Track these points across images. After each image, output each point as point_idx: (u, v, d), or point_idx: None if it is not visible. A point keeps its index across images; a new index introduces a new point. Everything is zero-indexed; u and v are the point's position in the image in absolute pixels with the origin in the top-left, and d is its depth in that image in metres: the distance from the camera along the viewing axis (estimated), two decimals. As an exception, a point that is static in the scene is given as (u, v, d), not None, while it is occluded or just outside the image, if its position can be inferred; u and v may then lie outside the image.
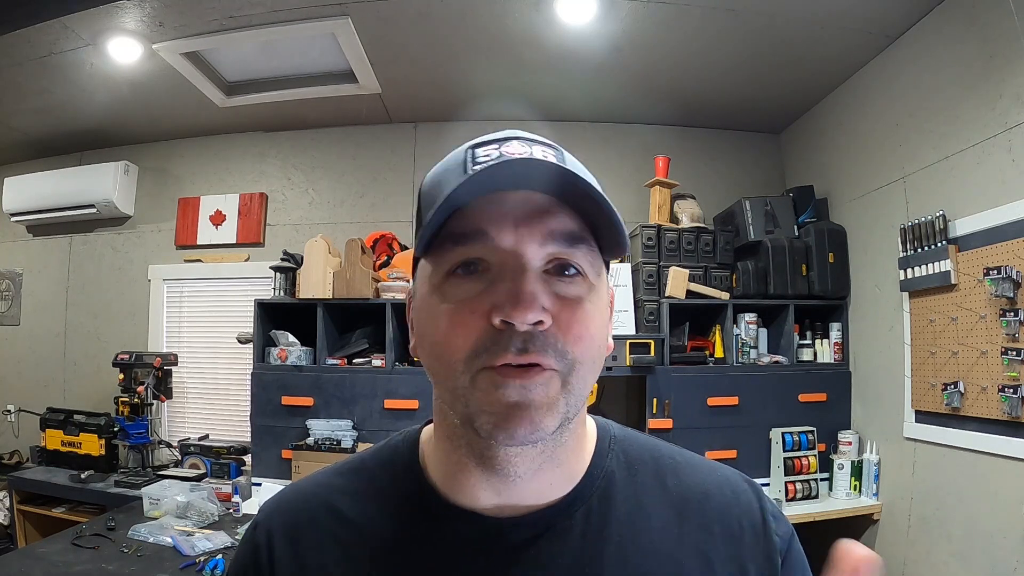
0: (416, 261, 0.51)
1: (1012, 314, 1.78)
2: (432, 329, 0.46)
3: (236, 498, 2.40)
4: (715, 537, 0.50)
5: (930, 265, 2.10)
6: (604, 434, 0.56)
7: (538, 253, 0.44)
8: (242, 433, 2.92)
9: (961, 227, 2.01)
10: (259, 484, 2.58)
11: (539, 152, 0.45)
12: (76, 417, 2.92)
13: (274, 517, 0.55)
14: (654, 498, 0.52)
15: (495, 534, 0.48)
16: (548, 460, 0.48)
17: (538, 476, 0.48)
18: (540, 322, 0.43)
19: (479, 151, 0.47)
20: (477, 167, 0.44)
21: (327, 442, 2.49)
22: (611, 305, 0.54)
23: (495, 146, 0.46)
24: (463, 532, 0.49)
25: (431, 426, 0.55)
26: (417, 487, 0.52)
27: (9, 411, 3.17)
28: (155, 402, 2.91)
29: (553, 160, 0.45)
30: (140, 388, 2.81)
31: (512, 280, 0.43)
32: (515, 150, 0.45)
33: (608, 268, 0.53)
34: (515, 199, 0.45)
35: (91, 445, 2.84)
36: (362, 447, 2.47)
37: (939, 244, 2.06)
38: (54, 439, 2.91)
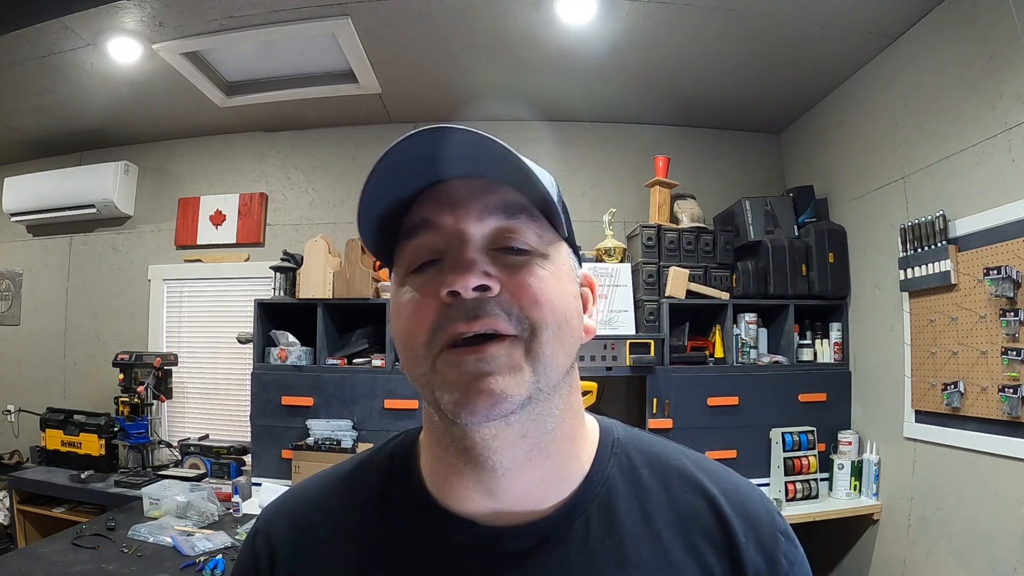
0: (390, 272, 0.52)
1: (1012, 314, 1.78)
2: (399, 323, 0.47)
3: (236, 498, 2.40)
4: (719, 549, 0.48)
5: (930, 265, 2.10)
6: (607, 437, 0.54)
7: (478, 228, 0.46)
8: (242, 433, 2.92)
9: (961, 227, 2.01)
10: (259, 484, 2.58)
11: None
12: (76, 417, 2.91)
13: (272, 525, 0.55)
14: (658, 505, 0.50)
15: (492, 543, 0.47)
16: (535, 450, 0.47)
17: (527, 470, 0.47)
18: (487, 288, 0.43)
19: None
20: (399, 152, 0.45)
21: (327, 442, 2.48)
22: (592, 290, 0.54)
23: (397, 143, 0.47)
24: (460, 540, 0.48)
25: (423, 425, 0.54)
26: (413, 493, 0.51)
27: (9, 411, 3.17)
28: (155, 402, 2.91)
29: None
30: (140, 388, 2.81)
31: (454, 254, 0.45)
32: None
33: (576, 252, 0.53)
34: (453, 186, 0.47)
35: (91, 445, 2.84)
36: (362, 447, 2.47)
37: (939, 244, 2.06)
38: (54, 439, 2.91)
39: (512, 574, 0.46)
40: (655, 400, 2.53)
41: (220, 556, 1.84)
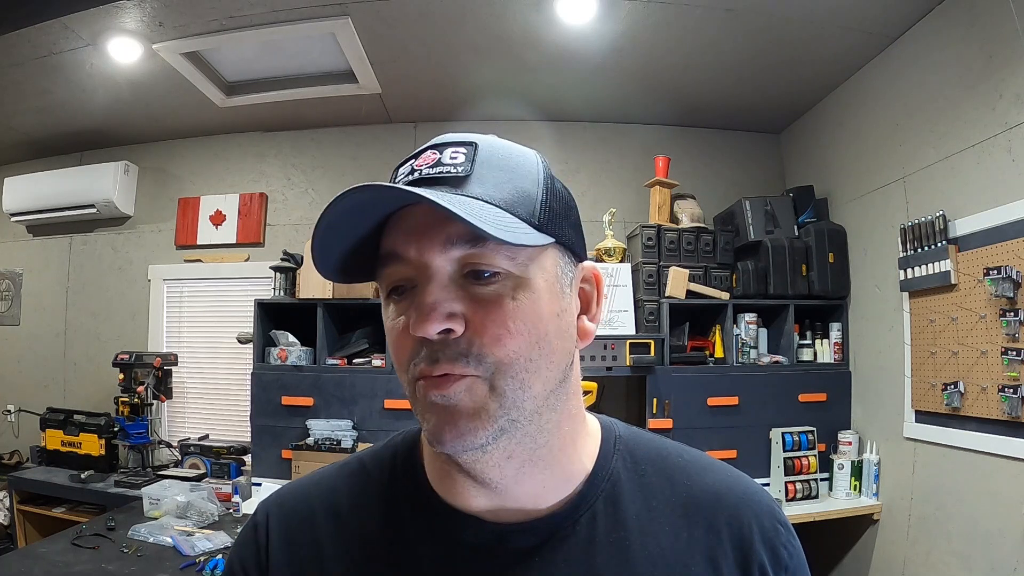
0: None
1: (1012, 314, 1.78)
2: (389, 344, 0.48)
3: (236, 498, 2.40)
4: (723, 541, 0.49)
5: (930, 265, 2.10)
6: (609, 435, 0.54)
7: (443, 261, 0.43)
8: (242, 433, 2.92)
9: (961, 227, 2.00)
10: (259, 484, 2.58)
11: (448, 156, 0.46)
12: (76, 417, 2.91)
13: (273, 517, 0.54)
14: (662, 501, 0.51)
15: (497, 540, 0.48)
16: (527, 465, 0.47)
17: (523, 481, 0.47)
18: (450, 331, 0.42)
19: (400, 169, 0.48)
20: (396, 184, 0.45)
21: (327, 442, 2.49)
22: (597, 285, 0.51)
23: (411, 161, 0.47)
24: (466, 538, 0.48)
25: None
26: (416, 489, 0.51)
27: (9, 411, 3.17)
28: (155, 402, 2.91)
29: (446, 166, 0.45)
30: (140, 388, 2.81)
31: (419, 294, 0.44)
32: (424, 161, 0.46)
33: (571, 247, 0.49)
34: (418, 212, 0.44)
35: (91, 445, 2.84)
36: (362, 447, 2.47)
37: (939, 244, 2.06)
38: (54, 439, 2.91)
39: (520, 571, 0.47)
40: (655, 400, 2.53)
41: (220, 556, 1.84)
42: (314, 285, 2.69)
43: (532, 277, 0.45)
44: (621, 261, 2.80)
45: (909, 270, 2.21)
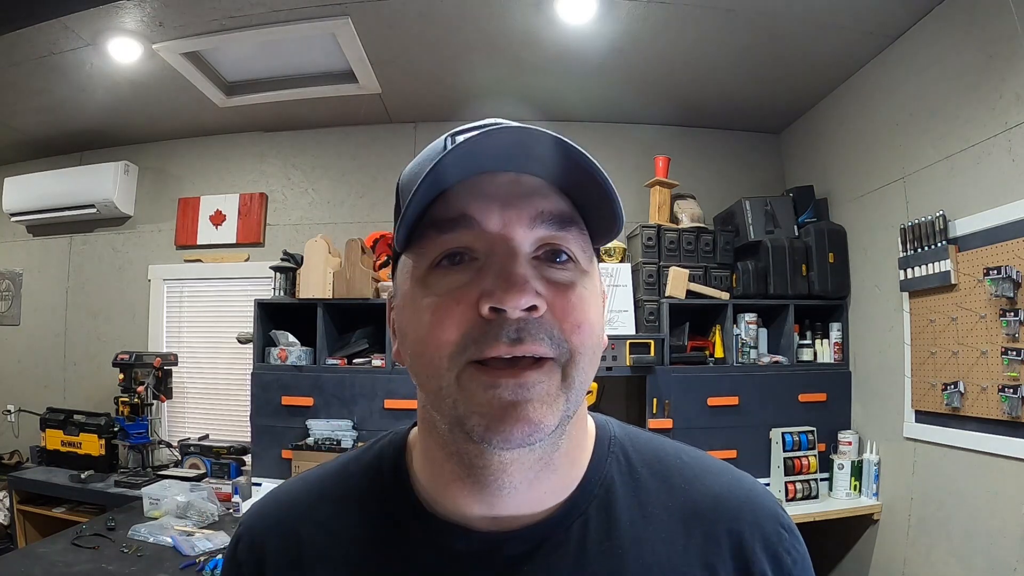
0: (396, 258, 0.48)
1: (1012, 314, 1.78)
2: (415, 325, 0.43)
3: (236, 498, 2.40)
4: (722, 549, 0.47)
5: (930, 265, 2.10)
6: (603, 435, 0.52)
7: (527, 236, 0.42)
8: (242, 433, 2.92)
9: (961, 227, 2.00)
10: (259, 484, 2.58)
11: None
12: (76, 417, 2.91)
13: (256, 530, 0.53)
14: (658, 505, 0.48)
15: (490, 549, 0.46)
16: (545, 468, 0.45)
17: (534, 486, 0.45)
18: (534, 308, 0.40)
19: (460, 137, 0.43)
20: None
21: (327, 442, 2.48)
22: (603, 299, 0.51)
23: (476, 132, 0.42)
24: (457, 547, 0.46)
25: (418, 428, 0.51)
26: (404, 497, 0.49)
27: (9, 411, 3.16)
28: (155, 402, 2.91)
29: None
30: (140, 388, 2.81)
31: (501, 265, 0.40)
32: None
33: (599, 257, 0.50)
34: (501, 181, 0.42)
35: (91, 445, 2.84)
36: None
37: (939, 244, 2.06)
38: (54, 439, 2.91)
39: None
40: (655, 400, 2.53)
41: (220, 556, 1.84)
42: (314, 285, 2.69)
43: (591, 272, 0.45)
44: (621, 261, 2.80)
45: (909, 270, 2.21)
